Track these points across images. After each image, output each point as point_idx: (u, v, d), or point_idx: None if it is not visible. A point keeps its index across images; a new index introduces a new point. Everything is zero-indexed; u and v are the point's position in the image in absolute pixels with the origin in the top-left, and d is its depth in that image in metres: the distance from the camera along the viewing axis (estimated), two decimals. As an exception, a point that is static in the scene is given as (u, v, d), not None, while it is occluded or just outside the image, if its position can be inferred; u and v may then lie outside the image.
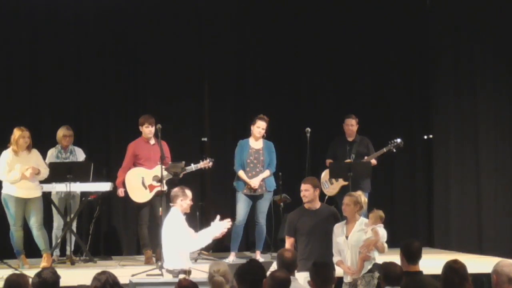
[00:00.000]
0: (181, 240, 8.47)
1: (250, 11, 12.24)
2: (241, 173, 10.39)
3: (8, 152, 9.83)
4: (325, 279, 5.89)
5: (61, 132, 10.65)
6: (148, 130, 10.34)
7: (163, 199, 10.07)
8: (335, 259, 7.96)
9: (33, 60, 11.70)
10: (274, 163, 10.48)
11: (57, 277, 5.54)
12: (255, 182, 10.33)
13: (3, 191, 9.89)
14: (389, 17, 12.40)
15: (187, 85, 12.06)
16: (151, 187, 10.21)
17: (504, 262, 5.67)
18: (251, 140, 10.50)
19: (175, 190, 8.68)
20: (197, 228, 9.47)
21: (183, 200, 8.55)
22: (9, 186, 9.81)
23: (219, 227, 8.48)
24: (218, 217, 8.54)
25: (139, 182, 10.29)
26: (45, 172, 9.92)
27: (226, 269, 6.16)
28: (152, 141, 10.37)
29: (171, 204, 8.65)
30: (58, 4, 11.58)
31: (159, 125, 9.99)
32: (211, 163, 10.35)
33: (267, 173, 10.41)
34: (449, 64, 12.10)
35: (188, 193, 8.60)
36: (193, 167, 10.29)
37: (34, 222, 9.84)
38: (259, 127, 10.41)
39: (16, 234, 9.90)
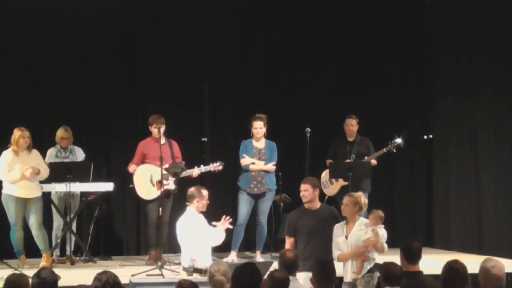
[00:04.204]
0: (198, 239, 8.62)
1: (250, 11, 12.23)
2: (246, 158, 10.38)
3: (8, 152, 9.83)
4: (328, 277, 5.90)
5: (59, 134, 10.64)
6: (156, 130, 10.30)
7: (168, 200, 10.13)
8: (335, 254, 7.94)
9: (33, 60, 11.70)
10: (274, 160, 10.48)
11: (56, 277, 5.55)
12: (259, 162, 10.34)
13: (3, 191, 9.90)
14: (389, 17, 12.40)
15: (187, 85, 12.07)
16: (159, 185, 10.15)
17: (491, 262, 5.64)
18: (253, 141, 10.53)
19: (192, 190, 8.82)
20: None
21: (199, 202, 8.75)
22: (9, 186, 9.82)
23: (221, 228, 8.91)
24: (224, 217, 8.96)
25: (148, 178, 10.26)
26: (45, 172, 9.92)
27: (226, 268, 6.17)
28: (162, 141, 10.31)
29: (187, 203, 8.74)
30: (59, 4, 11.58)
31: (158, 125, 10.05)
32: (221, 167, 10.30)
33: (269, 166, 10.41)
34: (449, 65, 12.10)
35: (205, 193, 8.81)
36: (202, 168, 10.27)
37: (34, 222, 9.83)
38: (256, 127, 10.45)
39: (16, 234, 9.90)
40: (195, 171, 10.14)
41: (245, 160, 10.42)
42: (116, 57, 11.95)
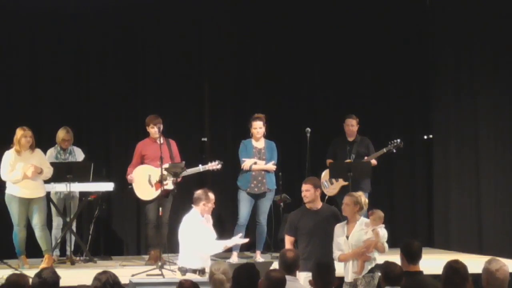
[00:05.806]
0: (198, 242, 8.61)
1: (250, 11, 12.23)
2: (246, 161, 10.36)
3: (10, 153, 9.81)
4: (327, 280, 5.90)
5: (61, 135, 10.65)
6: (153, 130, 10.29)
7: (167, 199, 10.12)
8: (336, 254, 7.94)
9: (33, 60, 11.70)
10: (274, 160, 10.47)
11: (57, 277, 5.54)
12: (259, 162, 10.34)
13: (6, 191, 9.85)
14: (389, 17, 12.40)
15: (187, 85, 12.07)
16: (157, 186, 10.14)
17: (496, 265, 5.63)
18: (253, 141, 10.52)
19: (199, 192, 8.78)
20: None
21: (205, 205, 8.72)
22: (13, 186, 9.78)
23: (234, 241, 8.96)
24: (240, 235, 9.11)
25: (146, 179, 10.25)
26: (48, 172, 9.88)
27: (226, 267, 6.17)
28: (161, 141, 10.29)
29: (192, 205, 8.72)
30: (59, 4, 11.57)
31: (157, 125, 10.06)
32: (220, 166, 10.30)
33: (269, 165, 10.40)
34: (449, 64, 12.10)
35: (212, 197, 8.77)
36: (200, 168, 10.26)
37: (38, 223, 9.81)
38: (256, 127, 10.45)
39: (19, 234, 9.87)
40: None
41: (247, 163, 10.39)
42: (116, 57, 11.94)
